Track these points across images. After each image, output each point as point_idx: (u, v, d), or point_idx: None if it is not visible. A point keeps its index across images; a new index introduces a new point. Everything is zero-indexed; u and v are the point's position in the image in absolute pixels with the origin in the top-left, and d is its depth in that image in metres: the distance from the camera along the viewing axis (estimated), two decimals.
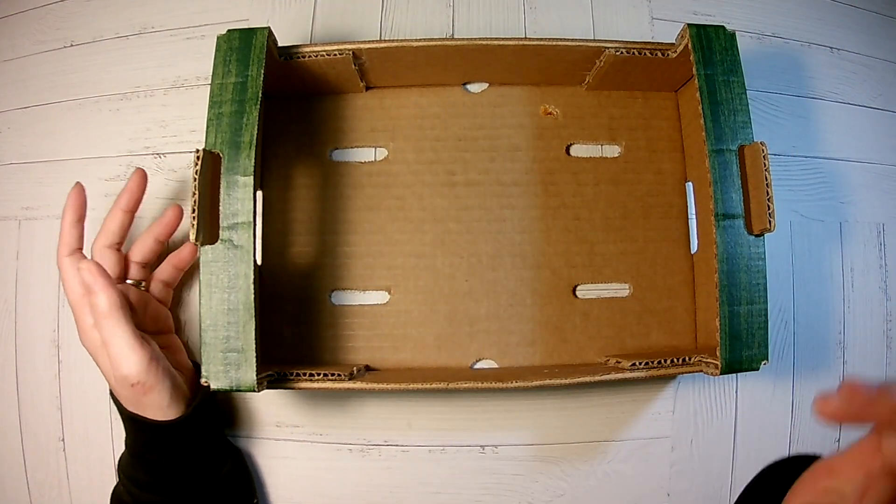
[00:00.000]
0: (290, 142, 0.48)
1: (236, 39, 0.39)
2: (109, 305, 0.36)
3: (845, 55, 0.55)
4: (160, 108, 0.50)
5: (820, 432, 0.49)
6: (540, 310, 0.47)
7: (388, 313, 0.47)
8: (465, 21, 0.52)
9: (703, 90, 0.39)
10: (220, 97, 0.38)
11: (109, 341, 0.36)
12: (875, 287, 0.51)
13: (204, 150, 0.36)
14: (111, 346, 0.36)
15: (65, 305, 0.48)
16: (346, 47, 0.42)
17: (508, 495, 0.47)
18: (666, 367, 0.40)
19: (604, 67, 0.45)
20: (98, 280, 0.36)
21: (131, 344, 0.36)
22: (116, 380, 0.37)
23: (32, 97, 0.52)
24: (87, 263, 0.37)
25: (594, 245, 0.48)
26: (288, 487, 0.47)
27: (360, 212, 0.47)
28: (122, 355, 0.36)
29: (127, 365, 0.36)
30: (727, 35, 0.40)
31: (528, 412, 0.48)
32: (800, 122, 0.52)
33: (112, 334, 0.36)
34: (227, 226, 0.36)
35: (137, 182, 0.42)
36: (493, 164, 0.48)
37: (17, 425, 0.48)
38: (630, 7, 0.53)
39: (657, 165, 0.49)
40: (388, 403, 0.47)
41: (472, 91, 0.49)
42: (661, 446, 0.48)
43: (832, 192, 0.52)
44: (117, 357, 0.36)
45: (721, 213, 0.37)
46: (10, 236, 0.50)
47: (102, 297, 0.36)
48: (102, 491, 0.47)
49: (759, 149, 0.37)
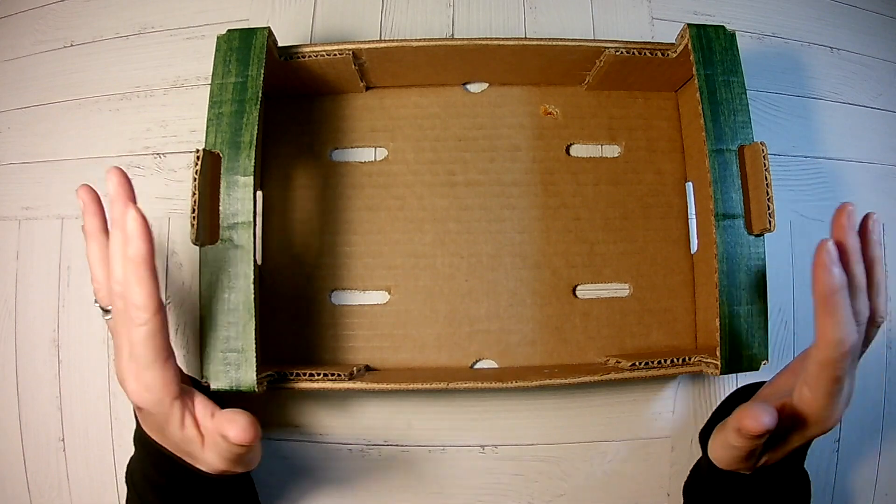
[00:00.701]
0: (290, 142, 0.48)
1: (236, 39, 0.39)
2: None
3: (845, 55, 0.55)
4: (160, 108, 0.50)
5: None
6: (540, 310, 0.47)
7: (388, 313, 0.47)
8: (464, 21, 0.52)
9: (703, 90, 0.39)
10: (221, 97, 0.38)
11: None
12: None
13: (204, 150, 0.36)
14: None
15: (65, 305, 0.48)
16: (346, 47, 0.42)
17: (508, 495, 0.47)
18: (666, 368, 0.40)
19: (604, 67, 0.45)
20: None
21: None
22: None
23: (32, 97, 0.51)
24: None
25: (594, 245, 0.48)
26: (288, 487, 0.47)
27: (360, 212, 0.47)
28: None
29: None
30: (727, 35, 0.40)
31: (528, 412, 0.48)
32: (800, 122, 0.52)
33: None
34: (227, 226, 0.36)
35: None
36: (493, 164, 0.48)
37: (17, 425, 0.48)
38: (630, 7, 0.53)
39: (657, 165, 0.49)
40: (388, 403, 0.47)
41: (472, 91, 0.49)
42: (661, 446, 0.48)
43: (832, 192, 0.52)
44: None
45: (721, 213, 0.37)
46: (10, 236, 0.49)
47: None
48: (102, 491, 0.47)
49: (759, 149, 0.37)
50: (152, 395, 0.31)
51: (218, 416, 0.31)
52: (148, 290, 0.29)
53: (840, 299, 0.29)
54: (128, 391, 0.32)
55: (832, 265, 0.29)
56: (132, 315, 0.30)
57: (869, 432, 0.50)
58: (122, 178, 0.32)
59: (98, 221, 0.34)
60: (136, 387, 0.31)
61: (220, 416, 0.31)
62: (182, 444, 0.33)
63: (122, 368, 0.32)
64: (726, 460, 0.35)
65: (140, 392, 0.31)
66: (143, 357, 0.30)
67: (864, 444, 0.50)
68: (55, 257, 0.49)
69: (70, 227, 0.49)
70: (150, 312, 0.30)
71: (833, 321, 0.29)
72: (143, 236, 0.29)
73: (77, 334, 0.48)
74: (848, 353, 0.29)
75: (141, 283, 0.29)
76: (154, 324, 0.30)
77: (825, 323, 0.29)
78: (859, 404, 0.50)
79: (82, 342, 0.48)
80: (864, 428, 0.50)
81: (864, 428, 0.50)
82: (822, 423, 0.32)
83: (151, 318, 0.30)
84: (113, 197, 0.31)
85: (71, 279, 0.48)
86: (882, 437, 0.50)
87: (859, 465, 0.49)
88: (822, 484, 0.49)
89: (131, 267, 0.29)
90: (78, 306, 0.48)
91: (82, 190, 0.34)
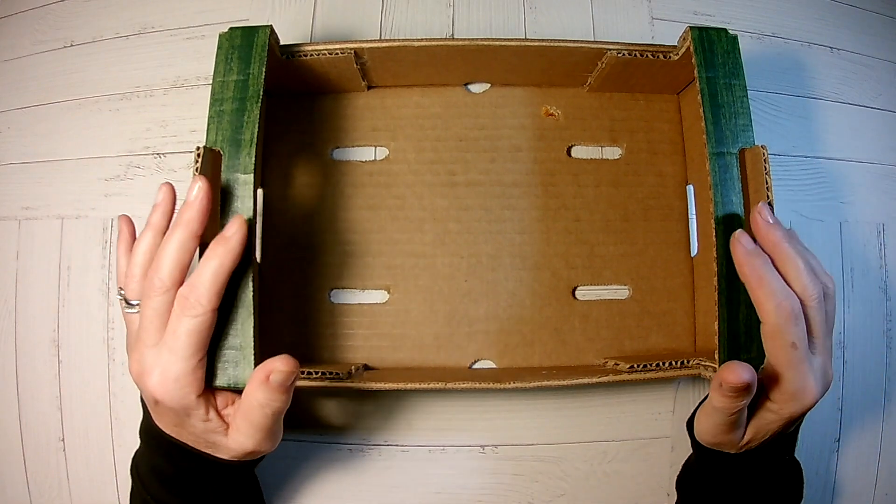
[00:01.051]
0: (291, 140, 0.48)
1: (238, 37, 0.39)
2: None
3: (845, 55, 0.55)
4: (160, 108, 0.50)
5: (818, 431, 0.49)
6: (539, 311, 0.47)
7: (388, 312, 0.47)
8: (464, 21, 0.52)
9: (704, 93, 0.39)
10: (222, 94, 0.38)
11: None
12: (875, 287, 0.51)
13: (205, 148, 0.36)
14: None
15: (65, 305, 0.48)
16: (348, 46, 0.42)
17: (508, 495, 0.47)
18: (664, 370, 0.40)
19: (605, 69, 0.45)
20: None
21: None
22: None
23: (32, 97, 0.51)
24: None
25: (594, 247, 0.48)
26: (288, 487, 0.47)
27: (361, 211, 0.47)
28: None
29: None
30: (729, 38, 0.40)
31: (528, 412, 0.48)
32: (800, 122, 0.52)
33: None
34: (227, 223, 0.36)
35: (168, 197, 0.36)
36: (494, 164, 0.48)
37: (17, 425, 0.48)
38: (630, 7, 0.53)
39: (658, 168, 0.49)
40: (388, 403, 0.47)
41: (473, 91, 0.49)
42: (661, 446, 0.48)
43: (832, 192, 0.52)
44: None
45: (721, 216, 0.37)
46: (10, 236, 0.49)
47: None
48: (102, 491, 0.47)
49: (760, 152, 0.37)
50: (180, 388, 0.32)
51: (256, 371, 0.32)
52: (220, 286, 0.32)
53: (765, 272, 0.32)
54: (149, 384, 0.32)
55: (750, 243, 0.34)
56: (191, 303, 0.31)
57: (869, 431, 0.50)
58: (204, 192, 0.33)
59: (165, 221, 0.36)
60: (161, 379, 0.31)
61: (259, 369, 0.32)
62: (204, 434, 0.33)
63: (146, 360, 0.32)
64: (710, 430, 0.36)
65: (166, 384, 0.31)
66: (183, 349, 0.31)
67: (864, 443, 0.50)
68: (55, 257, 0.49)
69: (70, 227, 0.49)
70: (211, 307, 0.31)
71: (765, 292, 0.32)
72: (240, 249, 0.32)
73: (77, 334, 0.48)
74: (790, 317, 0.32)
75: (217, 280, 0.31)
76: (207, 318, 0.31)
77: (758, 296, 0.33)
78: (859, 403, 0.50)
79: (82, 342, 0.48)
80: (864, 428, 0.50)
81: (864, 428, 0.50)
82: (798, 399, 0.33)
83: (207, 313, 0.31)
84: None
85: (71, 279, 0.49)
86: (882, 437, 0.50)
87: (859, 465, 0.50)
88: (823, 482, 0.49)
89: (216, 264, 0.32)
90: (78, 306, 0.48)
91: (166, 188, 0.36)
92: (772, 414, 0.34)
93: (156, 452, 0.35)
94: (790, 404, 0.33)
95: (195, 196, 0.32)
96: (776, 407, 0.34)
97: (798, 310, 0.32)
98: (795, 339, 0.32)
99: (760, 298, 0.32)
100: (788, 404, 0.33)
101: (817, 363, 0.33)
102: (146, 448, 0.36)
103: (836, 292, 0.35)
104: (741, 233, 0.34)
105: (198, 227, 0.32)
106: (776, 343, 0.32)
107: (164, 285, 0.32)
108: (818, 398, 0.33)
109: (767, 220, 0.34)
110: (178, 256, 0.32)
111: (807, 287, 0.33)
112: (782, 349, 0.32)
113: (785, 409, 0.34)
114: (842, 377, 0.50)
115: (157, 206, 0.36)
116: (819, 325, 0.34)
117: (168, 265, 0.32)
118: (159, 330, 0.32)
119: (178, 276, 0.32)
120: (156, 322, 0.32)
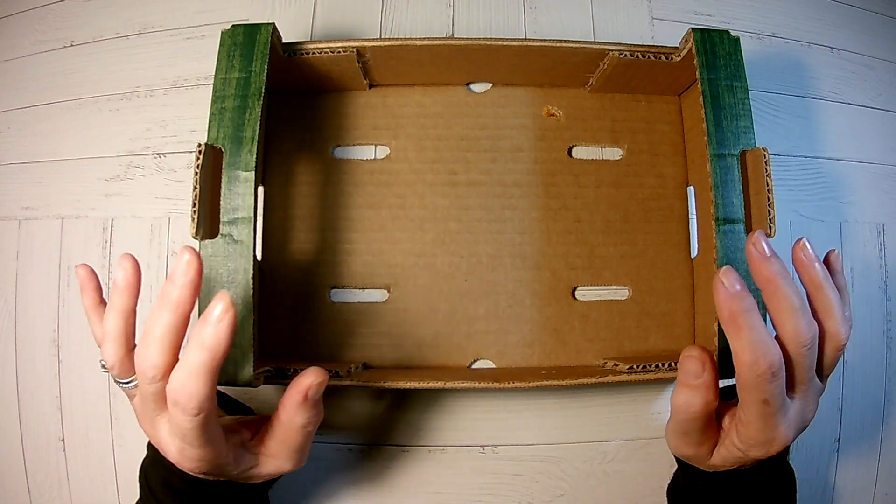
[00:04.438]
0: (292, 138, 0.48)
1: (240, 35, 0.40)
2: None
3: (845, 55, 0.55)
4: (160, 108, 0.50)
5: (818, 432, 0.49)
6: (539, 311, 0.47)
7: (387, 311, 0.47)
8: (464, 21, 0.52)
9: (706, 94, 0.39)
10: (223, 92, 0.38)
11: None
12: (875, 287, 0.51)
13: (206, 145, 0.36)
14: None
15: (65, 305, 0.48)
16: (350, 45, 0.42)
17: (508, 495, 0.47)
18: (664, 371, 0.40)
19: (607, 70, 0.45)
20: None
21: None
22: None
23: (32, 97, 0.51)
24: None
25: (594, 247, 0.48)
26: (288, 488, 0.47)
27: (361, 209, 0.47)
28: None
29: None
30: (731, 40, 0.40)
31: (528, 412, 0.48)
32: (800, 122, 0.52)
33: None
34: (227, 221, 0.36)
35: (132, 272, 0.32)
36: (495, 164, 0.48)
37: (17, 425, 0.48)
38: (630, 7, 0.53)
39: (659, 169, 0.49)
40: (387, 403, 0.47)
41: (475, 91, 0.49)
42: (661, 446, 0.48)
43: (832, 192, 0.52)
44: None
45: (721, 218, 0.37)
46: (10, 236, 0.49)
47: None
48: (102, 491, 0.47)
49: (761, 154, 0.37)
50: (205, 465, 0.30)
51: (287, 396, 0.31)
52: (211, 382, 0.28)
53: (744, 320, 0.29)
54: (171, 456, 0.31)
55: (733, 286, 0.29)
56: (187, 408, 0.27)
57: (869, 432, 0.50)
58: (194, 268, 0.28)
59: (132, 301, 0.32)
60: (179, 458, 0.30)
61: (290, 392, 0.30)
62: (238, 475, 0.33)
63: (160, 434, 0.30)
64: (672, 440, 0.35)
65: (188, 464, 0.30)
66: (194, 441, 0.29)
67: (864, 444, 0.50)
68: (55, 257, 0.49)
69: (70, 227, 0.49)
70: (207, 402, 0.28)
71: (741, 344, 0.29)
72: (225, 348, 0.27)
73: (77, 334, 0.48)
74: (766, 375, 0.29)
75: (208, 374, 0.27)
76: (208, 412, 0.28)
77: (735, 345, 0.29)
78: (859, 404, 0.50)
79: (82, 342, 0.48)
80: (864, 428, 0.50)
81: (864, 428, 0.50)
82: (763, 446, 0.31)
83: (205, 408, 0.28)
84: (205, 314, 0.28)
85: (71, 279, 0.48)
86: (882, 437, 0.50)
87: (859, 465, 0.50)
88: (822, 483, 0.49)
89: (202, 370, 0.27)
90: (78, 306, 0.48)
91: (126, 264, 0.32)
92: (738, 451, 0.33)
93: (171, 471, 0.33)
94: (756, 449, 0.32)
95: (184, 272, 0.28)
96: (742, 447, 0.32)
97: (777, 365, 0.29)
98: (768, 396, 0.29)
99: (736, 349, 0.29)
100: (753, 449, 0.32)
101: (793, 410, 0.31)
102: (158, 461, 0.34)
103: (848, 340, 0.32)
104: (726, 271, 0.29)
105: (188, 308, 0.28)
106: (748, 397, 0.30)
107: (157, 374, 0.28)
108: (788, 443, 0.32)
109: (764, 252, 0.30)
110: (170, 341, 0.28)
111: (798, 332, 0.30)
112: (753, 404, 0.30)
113: (751, 452, 0.32)
114: (842, 377, 0.50)
115: (118, 287, 0.31)
116: (805, 371, 0.31)
117: (158, 355, 0.28)
118: (164, 405, 0.30)
119: (171, 361, 0.29)
120: (161, 403, 0.30)
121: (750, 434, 0.31)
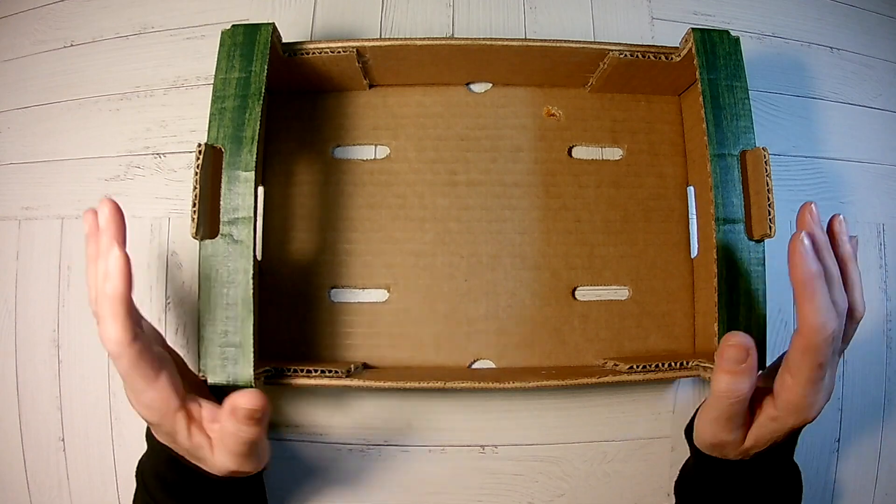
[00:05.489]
0: (292, 138, 0.48)
1: (240, 35, 0.40)
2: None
3: (845, 55, 0.55)
4: (160, 108, 0.50)
5: (818, 432, 0.49)
6: (539, 311, 0.47)
7: (387, 311, 0.47)
8: (464, 21, 0.52)
9: (706, 95, 0.39)
10: (224, 92, 0.38)
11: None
12: (875, 287, 0.51)
13: (206, 145, 0.36)
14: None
15: (65, 305, 0.48)
16: (350, 45, 0.42)
17: (508, 495, 0.47)
18: (663, 371, 0.40)
19: (607, 70, 0.45)
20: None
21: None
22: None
23: (32, 97, 0.51)
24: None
25: (594, 247, 0.48)
26: (288, 488, 0.47)
27: (361, 209, 0.47)
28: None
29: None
30: (731, 40, 0.40)
31: (528, 412, 0.48)
32: (800, 122, 0.52)
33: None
34: (227, 220, 0.36)
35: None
36: (495, 164, 0.48)
37: (17, 425, 0.48)
38: (630, 7, 0.53)
39: (659, 169, 0.49)
40: (387, 403, 0.47)
41: (475, 91, 0.49)
42: (661, 446, 0.48)
43: (832, 192, 0.52)
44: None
45: (722, 218, 0.37)
46: (10, 236, 0.49)
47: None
48: (102, 491, 0.47)
49: (761, 154, 0.37)
50: (155, 412, 0.32)
51: (226, 401, 0.32)
52: (122, 324, 0.30)
53: (818, 285, 0.31)
54: (135, 410, 0.33)
55: (807, 252, 0.31)
56: (108, 349, 0.30)
57: (869, 432, 0.50)
58: (114, 211, 0.31)
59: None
60: (139, 408, 0.33)
61: (227, 400, 0.32)
62: (192, 450, 0.34)
63: (126, 392, 0.33)
64: (710, 428, 0.36)
65: (143, 411, 0.33)
66: (133, 383, 0.32)
67: (864, 443, 0.50)
68: (55, 257, 0.49)
69: (70, 227, 0.49)
70: (125, 345, 0.30)
71: (813, 307, 0.31)
72: (123, 276, 0.30)
73: (77, 334, 0.48)
74: (829, 338, 0.31)
75: (116, 318, 0.30)
76: (131, 353, 0.30)
77: (806, 309, 0.31)
78: (859, 404, 0.50)
79: (82, 342, 0.48)
80: (865, 427, 0.50)
81: (865, 427, 0.50)
82: (803, 412, 0.33)
83: (127, 350, 0.30)
84: (102, 228, 0.31)
85: (71, 279, 0.48)
86: (882, 437, 0.50)
87: (859, 465, 0.50)
88: (823, 483, 0.49)
89: (107, 303, 0.30)
90: (78, 306, 0.48)
91: (90, 214, 0.33)
92: (774, 423, 0.34)
93: (159, 459, 0.36)
94: (794, 416, 0.33)
95: (112, 269, 0.30)
96: (779, 416, 0.33)
97: (839, 330, 0.31)
98: (824, 360, 0.31)
99: (808, 312, 0.31)
100: (792, 416, 0.33)
101: (828, 378, 0.33)
102: (151, 452, 0.37)
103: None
104: (805, 235, 0.31)
105: (123, 290, 0.30)
106: (807, 358, 0.31)
107: None
108: (820, 411, 0.33)
109: (840, 234, 0.35)
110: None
111: (857, 306, 0.34)
112: (810, 367, 0.31)
113: (788, 420, 0.33)
114: (842, 377, 0.50)
115: (90, 235, 0.33)
116: (844, 342, 0.34)
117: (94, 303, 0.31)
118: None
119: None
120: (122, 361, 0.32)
121: (792, 399, 0.32)
